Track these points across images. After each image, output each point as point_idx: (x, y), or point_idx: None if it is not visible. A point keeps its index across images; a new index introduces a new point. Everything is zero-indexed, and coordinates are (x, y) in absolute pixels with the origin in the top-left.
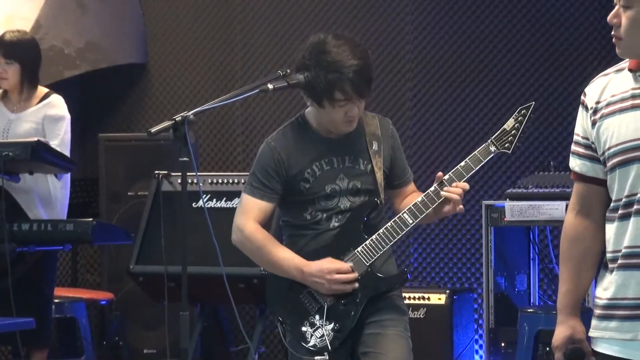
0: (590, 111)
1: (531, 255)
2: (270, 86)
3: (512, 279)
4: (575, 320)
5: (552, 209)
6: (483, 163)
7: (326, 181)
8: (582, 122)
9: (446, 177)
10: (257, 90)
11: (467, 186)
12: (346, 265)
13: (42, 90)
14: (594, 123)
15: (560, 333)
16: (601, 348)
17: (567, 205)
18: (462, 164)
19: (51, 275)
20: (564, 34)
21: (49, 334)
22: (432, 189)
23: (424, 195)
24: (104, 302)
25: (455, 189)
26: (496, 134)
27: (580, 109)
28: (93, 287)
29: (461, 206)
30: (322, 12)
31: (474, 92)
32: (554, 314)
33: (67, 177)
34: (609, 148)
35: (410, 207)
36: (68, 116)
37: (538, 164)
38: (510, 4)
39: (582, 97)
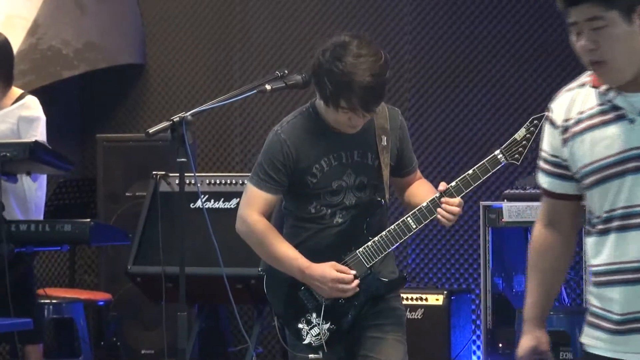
0: (560, 129)
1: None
2: (268, 87)
3: (509, 279)
4: (540, 331)
5: None
6: (491, 173)
7: (333, 177)
8: (550, 140)
9: (453, 184)
10: (255, 90)
11: (461, 203)
12: (349, 275)
13: (16, 91)
14: (565, 141)
15: (525, 343)
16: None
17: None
18: (470, 172)
19: (32, 272)
20: (562, 34)
21: (42, 329)
22: (437, 194)
23: (430, 201)
24: (101, 303)
25: (452, 208)
26: (506, 144)
27: (547, 125)
28: (91, 288)
29: (449, 224)
30: (321, 12)
31: (472, 92)
32: (552, 314)
33: (43, 178)
34: (583, 167)
35: (414, 212)
36: (43, 117)
37: (536, 165)
38: (509, 3)
39: (548, 114)
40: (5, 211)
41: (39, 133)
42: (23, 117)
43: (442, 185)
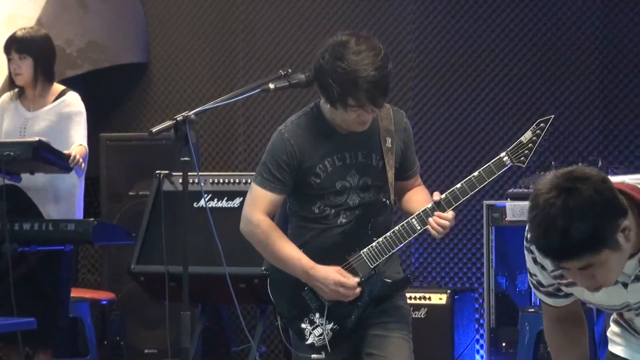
0: (551, 274)
1: None
2: (271, 85)
3: (513, 278)
4: None
5: None
6: (496, 175)
7: (337, 177)
8: (544, 278)
9: (458, 185)
10: (259, 89)
11: (453, 217)
12: (352, 281)
13: (58, 87)
14: (560, 284)
15: None
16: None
17: None
18: (476, 174)
19: (58, 274)
20: (566, 34)
21: (53, 335)
22: (443, 196)
23: (435, 203)
24: (105, 302)
25: (443, 222)
26: (512, 147)
27: (536, 266)
28: (94, 287)
29: (438, 235)
30: (324, 11)
31: (475, 91)
32: None
33: (83, 174)
34: (588, 302)
35: (419, 213)
36: (84, 111)
37: (539, 164)
38: (512, 3)
39: (532, 252)
40: (43, 208)
41: (82, 127)
42: (63, 113)
43: (436, 195)
